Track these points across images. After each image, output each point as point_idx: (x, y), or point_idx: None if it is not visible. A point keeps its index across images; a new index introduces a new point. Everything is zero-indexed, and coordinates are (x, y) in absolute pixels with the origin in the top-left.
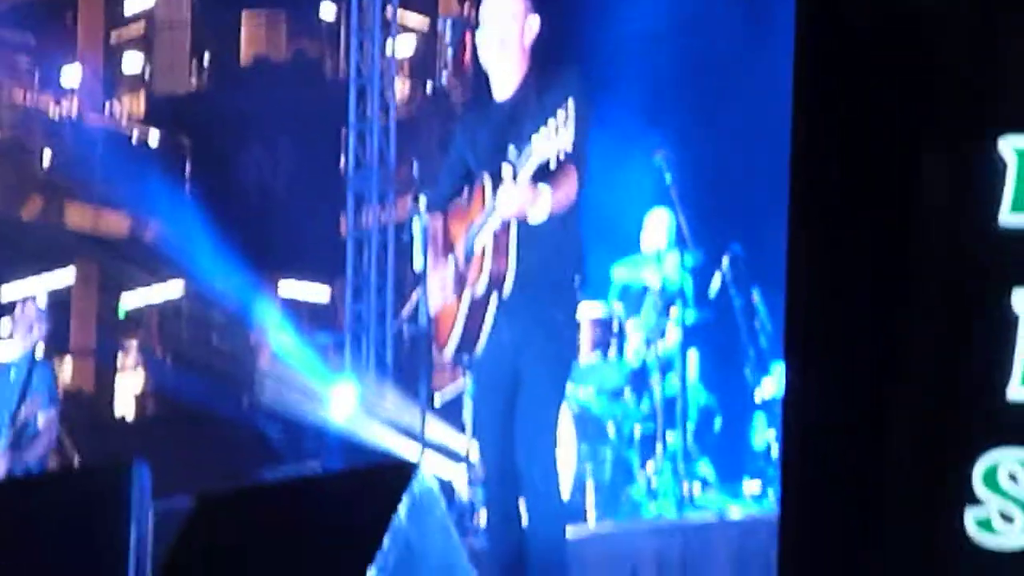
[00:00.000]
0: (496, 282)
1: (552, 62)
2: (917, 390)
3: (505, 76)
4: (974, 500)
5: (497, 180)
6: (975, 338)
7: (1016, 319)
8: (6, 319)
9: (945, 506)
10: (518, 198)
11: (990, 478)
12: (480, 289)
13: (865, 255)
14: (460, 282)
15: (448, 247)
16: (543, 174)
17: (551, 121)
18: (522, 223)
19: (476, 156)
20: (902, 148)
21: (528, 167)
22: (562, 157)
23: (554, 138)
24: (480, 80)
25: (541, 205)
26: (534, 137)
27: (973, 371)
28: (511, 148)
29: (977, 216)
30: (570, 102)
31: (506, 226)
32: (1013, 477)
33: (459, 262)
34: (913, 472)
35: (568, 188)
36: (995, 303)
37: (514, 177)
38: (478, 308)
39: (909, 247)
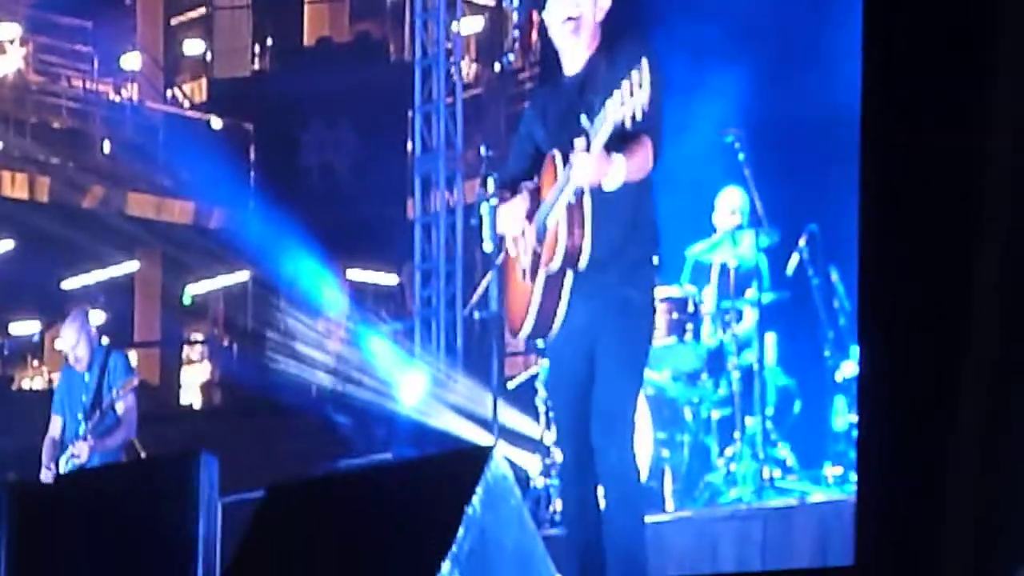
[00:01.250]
0: (571, 257)
1: (623, 36)
2: (992, 367)
3: (575, 52)
4: None
5: (568, 153)
6: None
7: None
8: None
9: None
10: (592, 166)
11: None
12: (555, 266)
13: (937, 231)
14: (535, 256)
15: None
16: (617, 143)
17: (624, 83)
18: (597, 196)
19: (546, 131)
20: (972, 122)
21: (602, 134)
22: (638, 117)
23: (628, 100)
24: (548, 57)
25: (615, 173)
26: (608, 102)
27: None
28: (583, 118)
29: None
30: (644, 62)
31: (580, 198)
32: None
33: (535, 241)
34: (989, 449)
35: (642, 157)
36: None
37: (587, 147)
38: (553, 287)
39: (982, 222)
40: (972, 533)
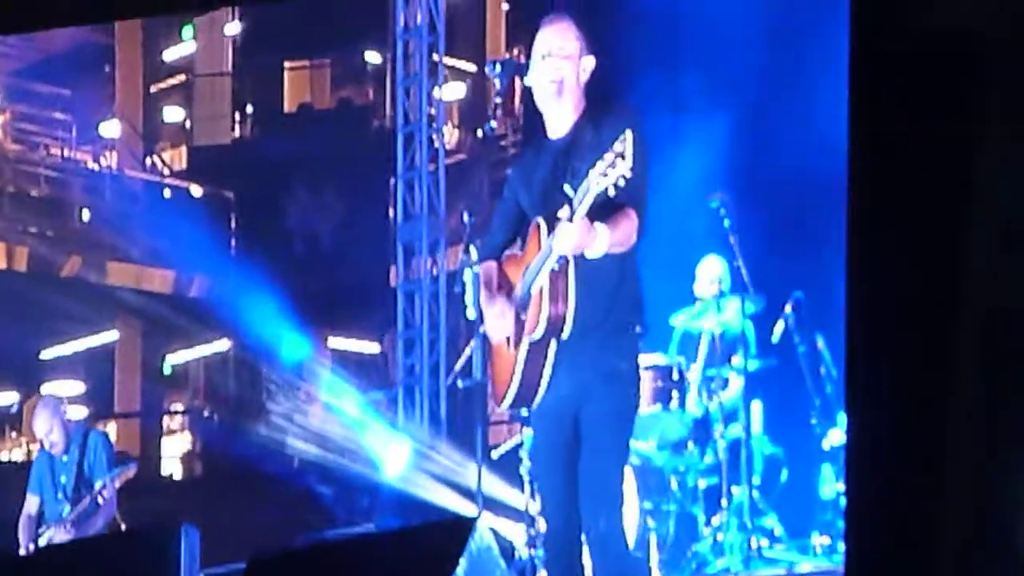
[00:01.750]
0: (554, 326)
1: (609, 101)
2: (980, 421)
3: (560, 116)
4: None
5: (552, 221)
6: None
7: None
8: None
9: (1010, 539)
10: (574, 236)
11: None
12: (538, 334)
13: (923, 290)
14: (518, 323)
15: (505, 289)
16: (601, 213)
17: (607, 154)
18: (580, 264)
19: (531, 196)
20: (961, 179)
21: (585, 203)
22: (621, 185)
23: (611, 171)
24: (532, 121)
25: (598, 243)
26: (590, 172)
27: None
28: (567, 187)
29: None
30: (628, 133)
31: (563, 266)
32: None
33: (516, 307)
34: (977, 503)
35: (627, 229)
36: None
37: (571, 217)
38: (536, 355)
39: (967, 277)
40: None
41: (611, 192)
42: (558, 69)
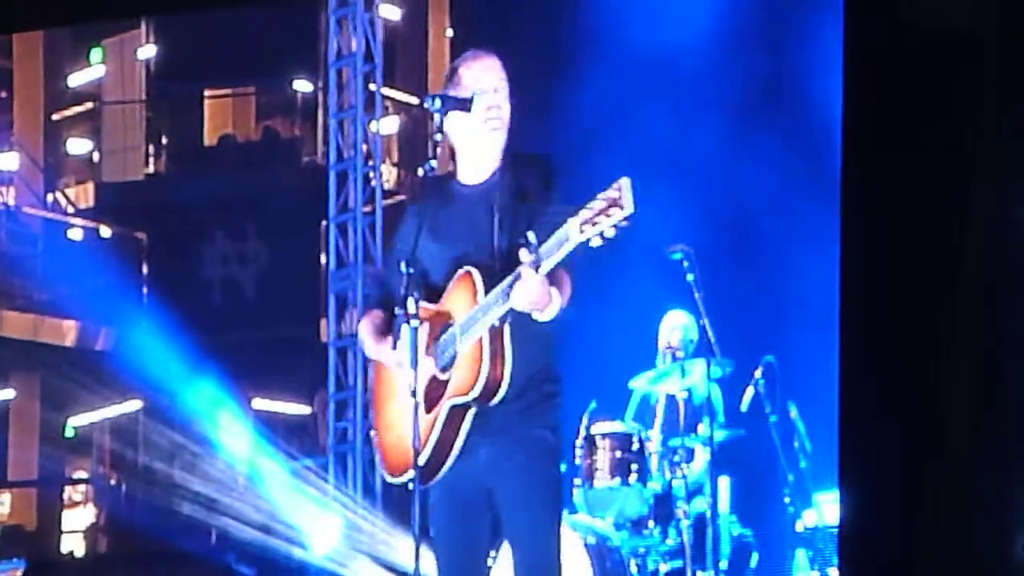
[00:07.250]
0: (490, 390)
1: (524, 149)
2: (968, 434)
3: (482, 160)
4: None
5: (487, 273)
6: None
7: None
8: None
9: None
10: (535, 290)
11: None
12: (470, 396)
13: (918, 316)
14: (434, 384)
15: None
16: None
17: (595, 202)
18: (516, 325)
19: (448, 247)
20: (956, 207)
21: (560, 254)
22: (610, 235)
23: (603, 219)
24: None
25: (552, 306)
26: (570, 220)
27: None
28: (530, 234)
29: None
30: (624, 180)
31: (502, 325)
32: None
33: (435, 365)
34: (973, 514)
35: (566, 296)
36: None
37: (536, 266)
38: (453, 421)
39: (959, 306)
40: None
41: (595, 243)
42: (499, 107)
